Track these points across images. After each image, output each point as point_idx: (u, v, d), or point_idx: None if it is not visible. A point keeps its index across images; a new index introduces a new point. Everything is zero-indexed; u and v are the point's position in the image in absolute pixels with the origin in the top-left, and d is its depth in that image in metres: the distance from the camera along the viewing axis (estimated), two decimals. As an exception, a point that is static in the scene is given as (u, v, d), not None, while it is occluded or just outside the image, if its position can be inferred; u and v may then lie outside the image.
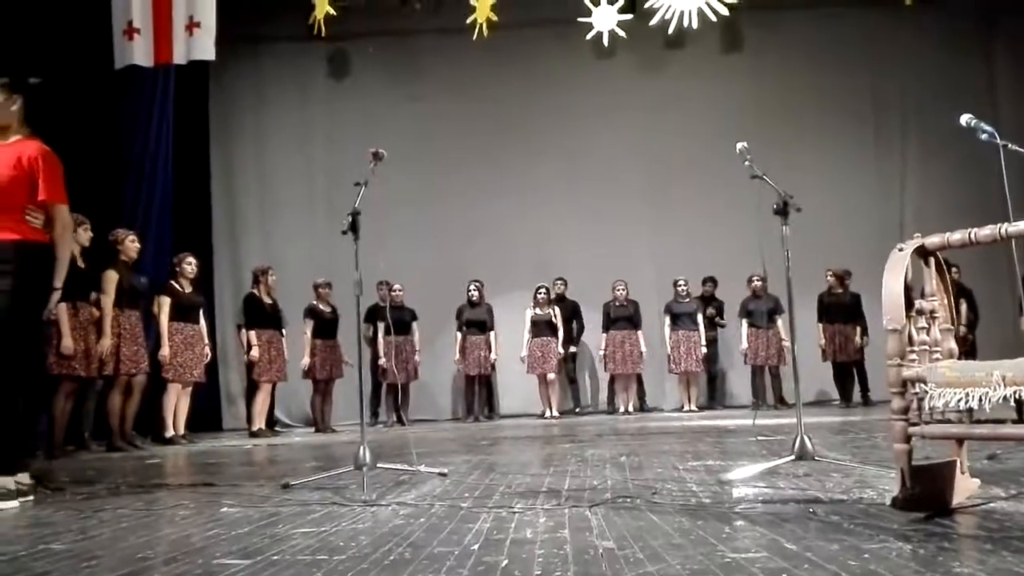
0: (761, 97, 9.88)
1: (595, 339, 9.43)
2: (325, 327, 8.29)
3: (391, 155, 3.76)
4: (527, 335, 9.11)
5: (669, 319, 9.24)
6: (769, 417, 7.40)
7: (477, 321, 9.10)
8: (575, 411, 9.44)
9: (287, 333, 8.06)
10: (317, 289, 8.36)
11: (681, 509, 2.51)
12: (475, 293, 9.11)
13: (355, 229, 3.51)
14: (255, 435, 7.56)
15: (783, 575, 1.67)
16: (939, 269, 2.38)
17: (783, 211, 3.41)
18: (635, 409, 9.23)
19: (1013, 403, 1.95)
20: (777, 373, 9.04)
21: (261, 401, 7.78)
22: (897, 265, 2.25)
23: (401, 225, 9.51)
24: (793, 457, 3.25)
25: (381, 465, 3.56)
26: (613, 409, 9.30)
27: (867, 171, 10.02)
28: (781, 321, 8.85)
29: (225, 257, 9.95)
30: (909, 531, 2.04)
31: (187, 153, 9.14)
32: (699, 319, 9.23)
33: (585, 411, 9.55)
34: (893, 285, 2.23)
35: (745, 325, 9.11)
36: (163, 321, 6.93)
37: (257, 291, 7.89)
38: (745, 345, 9.08)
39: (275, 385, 7.99)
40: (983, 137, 2.93)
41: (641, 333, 9.22)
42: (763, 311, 8.97)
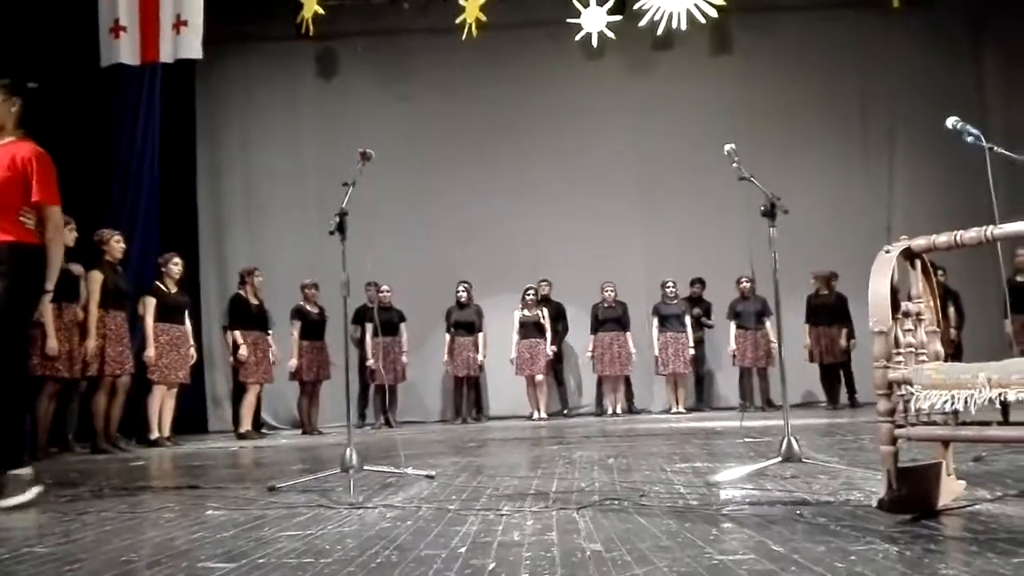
0: (750, 99, 9.90)
1: (583, 340, 9.43)
2: (312, 328, 8.26)
3: (379, 155, 3.76)
4: (515, 336, 9.10)
5: (657, 320, 9.24)
6: (756, 419, 7.42)
7: (465, 322, 9.09)
8: (563, 413, 9.44)
9: (273, 334, 8.03)
10: (304, 290, 8.33)
11: (669, 511, 2.51)
12: (464, 294, 9.10)
13: (342, 230, 3.50)
14: (242, 437, 7.52)
15: (770, 577, 1.66)
16: (925, 271, 2.39)
17: (771, 213, 3.42)
18: (623, 411, 9.23)
19: (998, 405, 1.96)
20: (765, 375, 9.06)
21: (248, 403, 7.75)
22: (883, 267, 2.25)
23: (389, 226, 9.48)
24: (780, 459, 3.26)
25: (368, 467, 3.54)
26: (601, 411, 9.30)
27: (855, 173, 10.06)
28: (769, 323, 8.88)
29: (211, 258, 9.89)
30: (895, 533, 2.05)
31: (173, 152, 9.08)
32: (687, 321, 9.24)
33: (573, 413, 9.55)
34: (879, 287, 2.23)
35: (733, 326, 9.13)
36: (148, 322, 6.89)
37: (243, 292, 7.85)
38: (733, 346, 9.10)
39: (262, 387, 7.96)
40: (969, 140, 2.93)
41: (630, 335, 9.22)
42: (751, 312, 9.00)
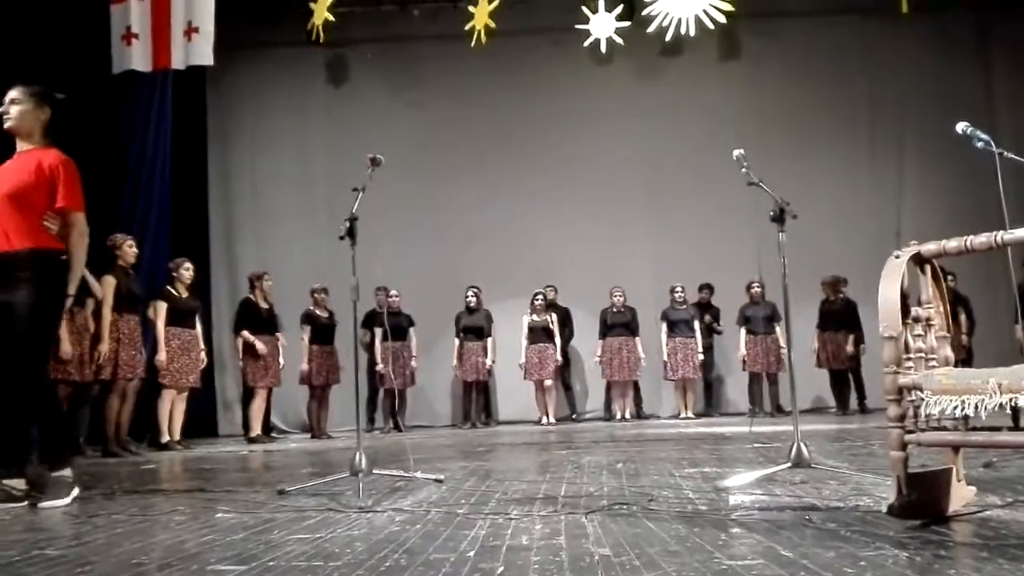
0: (758, 105, 9.89)
1: (592, 345, 9.43)
2: (322, 332, 8.29)
3: (389, 161, 3.77)
4: (524, 341, 9.10)
5: (666, 326, 9.23)
6: (766, 424, 7.40)
7: (475, 327, 9.10)
8: (572, 418, 9.43)
9: (283, 338, 8.05)
10: (314, 294, 8.36)
11: (677, 516, 2.51)
12: (473, 299, 9.12)
13: (352, 235, 3.51)
14: (253, 441, 7.55)
15: (779, 582, 1.66)
16: (935, 277, 2.38)
17: (779, 218, 3.42)
18: (632, 416, 9.21)
19: (1009, 410, 1.95)
20: (775, 380, 9.03)
21: (257, 407, 7.77)
22: (893, 272, 2.25)
23: (399, 231, 9.50)
24: (790, 464, 3.25)
25: (377, 471, 3.55)
26: (610, 416, 9.29)
27: (864, 178, 10.04)
28: (779, 328, 8.85)
29: (222, 262, 9.93)
30: (905, 538, 2.04)
31: (185, 158, 9.13)
32: (696, 326, 9.22)
33: (582, 418, 9.54)
34: (889, 292, 2.23)
35: (743, 332, 9.11)
36: (160, 326, 6.93)
37: (253, 296, 7.89)
38: (743, 351, 9.08)
39: (271, 391, 7.99)
40: (979, 145, 2.93)
41: (639, 339, 9.21)
42: (761, 317, 8.98)
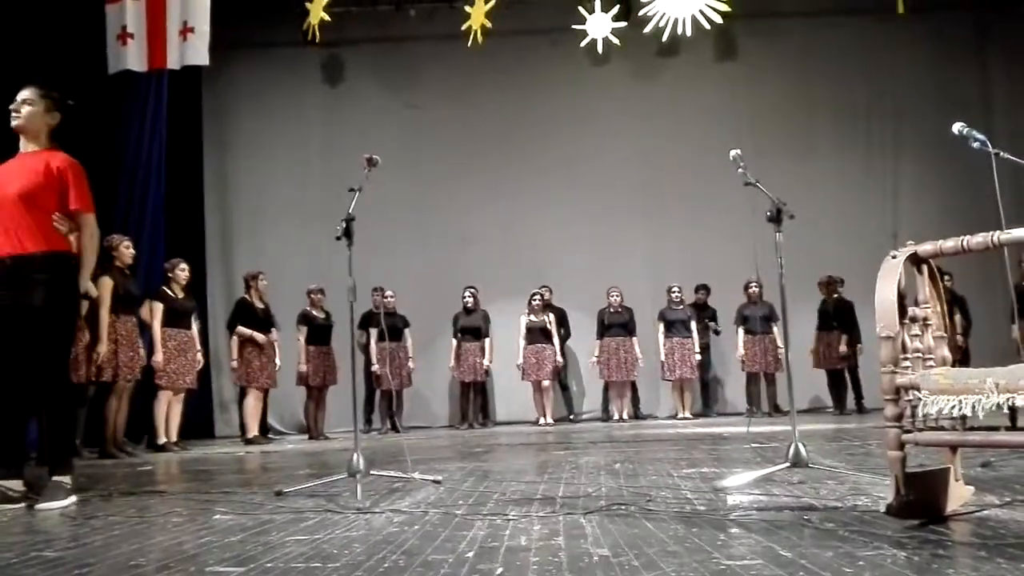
0: (755, 105, 9.91)
1: (589, 345, 9.43)
2: (318, 333, 8.28)
3: (385, 161, 3.77)
4: (522, 342, 9.10)
5: (663, 326, 9.23)
6: (763, 424, 7.40)
7: (472, 328, 9.09)
8: (569, 418, 9.43)
9: (279, 338, 8.03)
10: (310, 295, 8.36)
11: (676, 516, 2.51)
12: (470, 300, 9.11)
13: (349, 235, 3.51)
14: (250, 442, 7.53)
15: (778, 583, 1.67)
16: (932, 277, 2.39)
17: (776, 218, 3.42)
18: (629, 416, 9.20)
19: (1006, 410, 1.96)
20: (772, 380, 9.04)
21: (252, 407, 7.76)
22: (890, 272, 2.25)
23: (396, 231, 9.50)
24: (788, 464, 3.25)
25: (375, 472, 3.55)
26: (607, 416, 9.29)
27: (860, 179, 10.05)
28: (777, 328, 8.86)
29: (217, 263, 9.91)
30: (903, 538, 2.04)
31: (180, 158, 9.10)
32: (693, 326, 9.23)
33: (579, 418, 9.54)
34: (886, 292, 2.23)
35: (741, 332, 9.12)
36: (156, 327, 6.91)
37: (248, 296, 7.88)
38: (741, 351, 9.09)
39: (267, 391, 7.97)
40: (975, 145, 2.93)
41: (636, 340, 9.20)
42: (758, 317, 8.98)
